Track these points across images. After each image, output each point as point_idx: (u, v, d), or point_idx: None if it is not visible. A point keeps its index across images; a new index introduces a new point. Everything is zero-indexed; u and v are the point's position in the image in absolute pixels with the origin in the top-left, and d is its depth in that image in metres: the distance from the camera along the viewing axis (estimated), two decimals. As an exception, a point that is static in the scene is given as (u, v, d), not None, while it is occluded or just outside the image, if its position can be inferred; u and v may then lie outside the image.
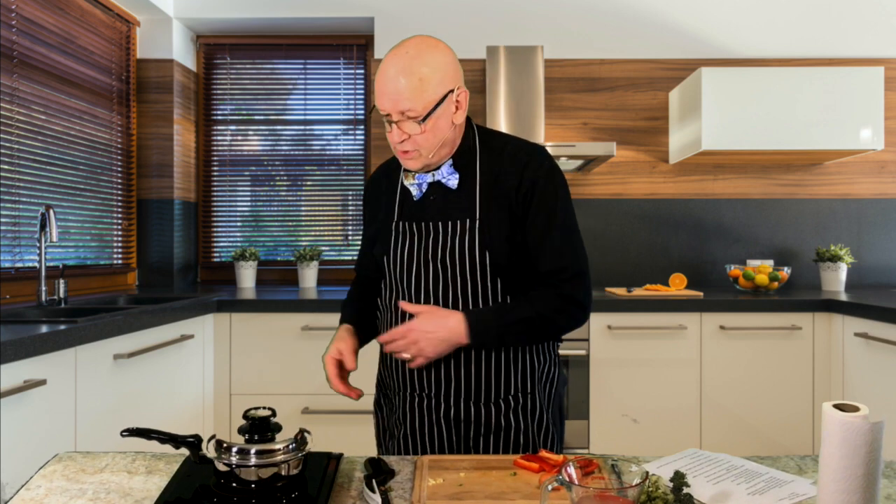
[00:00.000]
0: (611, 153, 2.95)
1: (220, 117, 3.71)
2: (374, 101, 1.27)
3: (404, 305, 1.30)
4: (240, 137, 3.71)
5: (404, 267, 1.34)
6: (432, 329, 1.25)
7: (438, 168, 1.32)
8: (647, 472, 0.77)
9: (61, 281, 2.52)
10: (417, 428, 1.33)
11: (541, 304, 1.28)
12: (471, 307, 1.30)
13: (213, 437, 0.94)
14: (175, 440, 0.94)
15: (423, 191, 1.34)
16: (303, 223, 3.70)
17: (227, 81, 3.71)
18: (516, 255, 1.30)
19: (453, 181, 1.32)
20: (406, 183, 1.35)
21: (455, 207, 1.32)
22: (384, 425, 1.46)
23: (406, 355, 1.27)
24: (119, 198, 3.31)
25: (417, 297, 1.33)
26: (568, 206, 1.33)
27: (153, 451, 1.10)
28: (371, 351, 1.46)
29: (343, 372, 1.34)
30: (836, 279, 3.16)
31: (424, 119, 1.22)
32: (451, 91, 1.25)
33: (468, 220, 1.30)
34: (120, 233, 3.33)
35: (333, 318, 2.91)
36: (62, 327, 1.81)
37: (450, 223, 1.31)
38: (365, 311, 1.47)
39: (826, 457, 0.77)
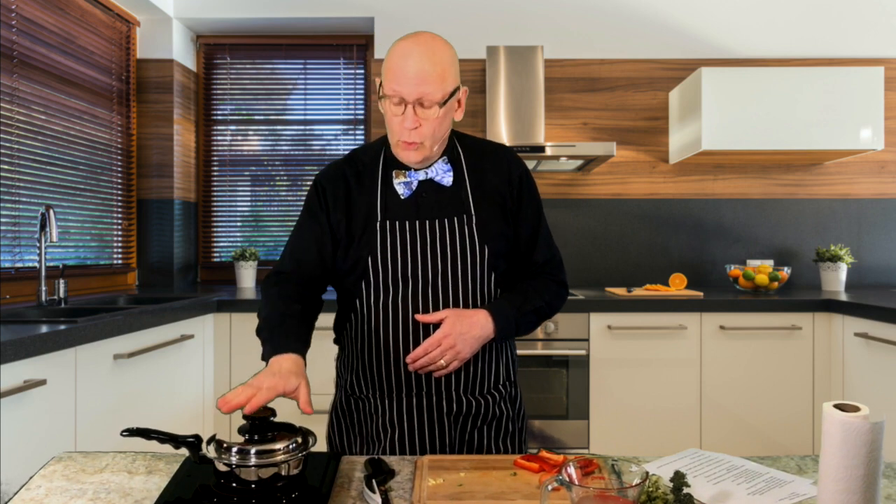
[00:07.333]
0: (611, 153, 2.95)
1: (220, 117, 3.71)
2: (385, 87, 1.24)
3: (422, 318, 1.28)
4: (240, 137, 3.71)
5: (397, 267, 1.31)
6: (466, 329, 1.26)
7: (430, 166, 1.33)
8: (647, 472, 0.77)
9: (61, 281, 2.52)
10: (416, 427, 1.32)
11: (545, 292, 1.38)
12: (470, 302, 1.31)
13: (213, 437, 0.94)
14: (175, 440, 0.93)
15: (413, 189, 1.34)
16: (303, 223, 3.69)
17: (227, 81, 3.71)
18: (509, 247, 1.36)
19: (448, 178, 1.34)
20: (395, 182, 1.33)
21: (449, 205, 1.34)
22: (353, 432, 1.39)
23: (441, 362, 1.26)
24: (119, 198, 3.31)
25: (413, 298, 1.31)
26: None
27: (153, 451, 1.10)
28: (328, 350, 1.47)
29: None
30: (836, 279, 3.16)
31: (443, 104, 1.24)
32: (458, 88, 1.30)
33: (465, 216, 1.33)
34: (120, 233, 3.33)
35: (333, 318, 2.91)
36: (62, 327, 1.80)
37: (446, 220, 1.32)
38: (307, 330, 1.28)
39: (826, 457, 0.77)
